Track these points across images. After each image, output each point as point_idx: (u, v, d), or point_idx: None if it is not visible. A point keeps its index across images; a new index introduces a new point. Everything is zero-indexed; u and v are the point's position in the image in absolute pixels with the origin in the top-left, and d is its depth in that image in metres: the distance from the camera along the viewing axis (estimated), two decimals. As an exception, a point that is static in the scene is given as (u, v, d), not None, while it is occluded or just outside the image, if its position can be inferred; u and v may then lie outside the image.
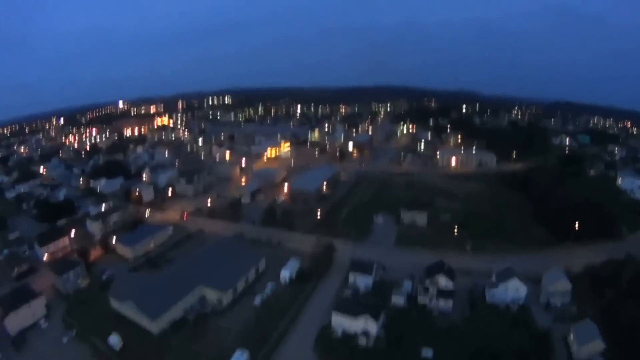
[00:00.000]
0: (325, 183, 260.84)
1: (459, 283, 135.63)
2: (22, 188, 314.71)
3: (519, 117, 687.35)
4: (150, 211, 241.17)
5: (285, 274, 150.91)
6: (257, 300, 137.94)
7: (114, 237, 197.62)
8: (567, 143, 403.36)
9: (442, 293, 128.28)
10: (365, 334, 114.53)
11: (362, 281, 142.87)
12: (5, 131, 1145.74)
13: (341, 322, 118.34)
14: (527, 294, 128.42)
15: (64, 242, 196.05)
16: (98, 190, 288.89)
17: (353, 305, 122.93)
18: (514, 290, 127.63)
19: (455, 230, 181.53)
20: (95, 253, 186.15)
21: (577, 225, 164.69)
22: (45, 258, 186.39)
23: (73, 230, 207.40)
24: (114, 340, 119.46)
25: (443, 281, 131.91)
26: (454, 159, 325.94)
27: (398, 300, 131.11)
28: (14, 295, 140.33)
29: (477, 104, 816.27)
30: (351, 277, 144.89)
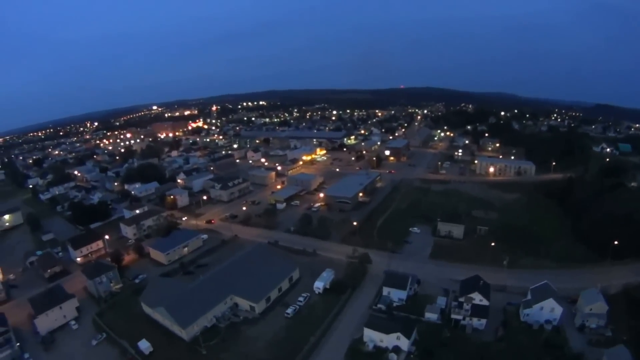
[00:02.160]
0: (362, 190, 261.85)
1: (493, 300, 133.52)
2: (57, 190, 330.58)
3: (559, 121, 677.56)
4: (184, 216, 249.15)
5: (319, 285, 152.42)
6: (290, 311, 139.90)
7: (148, 242, 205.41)
8: (607, 151, 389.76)
9: (477, 310, 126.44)
10: (397, 350, 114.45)
11: (396, 295, 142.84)
12: (39, 134, 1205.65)
13: (373, 337, 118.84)
14: (562, 315, 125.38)
15: (97, 245, 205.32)
16: (132, 194, 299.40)
17: (385, 320, 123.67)
18: (549, 310, 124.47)
19: (492, 244, 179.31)
20: (128, 257, 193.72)
21: (616, 242, 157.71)
22: (78, 260, 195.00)
23: (107, 234, 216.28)
24: (144, 345, 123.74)
25: (478, 298, 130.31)
26: (492, 167, 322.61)
27: (431, 315, 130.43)
28: (46, 295, 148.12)
29: (516, 109, 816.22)
30: (385, 291, 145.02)
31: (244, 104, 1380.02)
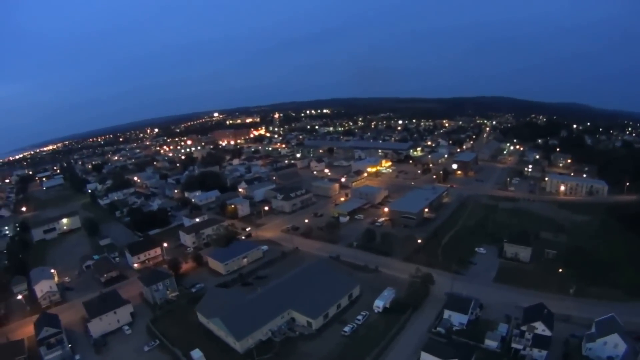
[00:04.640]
0: (427, 205, 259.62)
1: (556, 330, 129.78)
2: (116, 196, 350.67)
3: (634, 136, 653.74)
4: (245, 227, 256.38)
5: (379, 304, 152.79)
6: (347, 329, 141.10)
7: (207, 251, 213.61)
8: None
9: (538, 340, 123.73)
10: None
11: (457, 319, 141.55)
12: (99, 139, 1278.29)
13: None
14: (625, 352, 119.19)
15: (155, 252, 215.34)
16: (193, 202, 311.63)
17: (444, 345, 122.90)
18: (612, 346, 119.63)
19: (560, 270, 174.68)
20: (186, 265, 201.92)
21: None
22: (135, 266, 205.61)
23: (165, 241, 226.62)
24: (197, 354, 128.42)
25: (541, 327, 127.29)
26: (563, 185, 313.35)
27: (491, 343, 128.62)
28: (101, 300, 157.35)
29: (589, 121, 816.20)
30: (446, 314, 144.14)
31: (307, 111, 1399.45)
